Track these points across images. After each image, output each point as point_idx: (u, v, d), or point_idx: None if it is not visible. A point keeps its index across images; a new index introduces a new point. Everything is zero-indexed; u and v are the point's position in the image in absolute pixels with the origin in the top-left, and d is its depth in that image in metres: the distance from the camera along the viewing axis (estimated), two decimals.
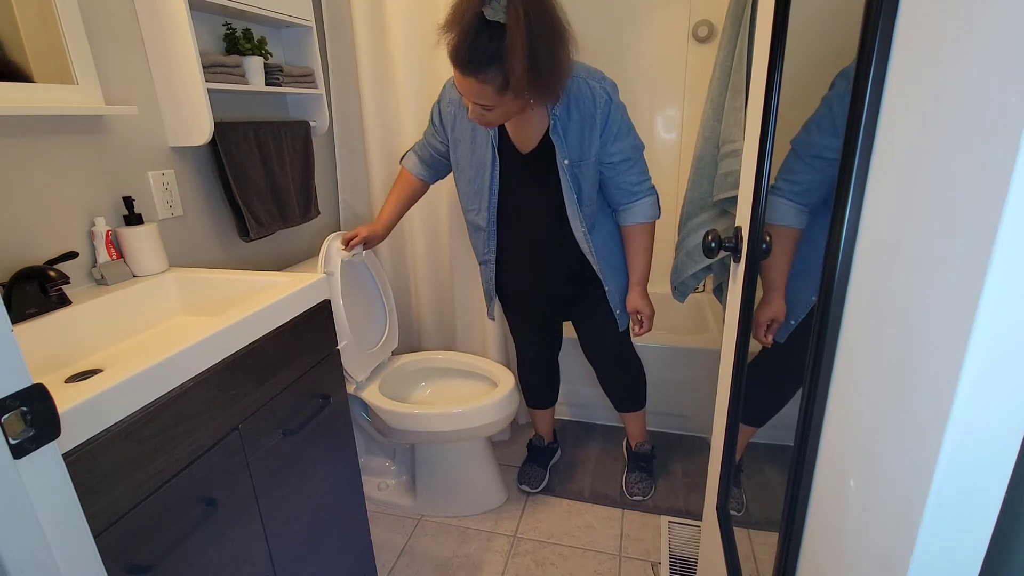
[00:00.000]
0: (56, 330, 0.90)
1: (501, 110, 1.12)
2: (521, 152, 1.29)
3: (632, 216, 1.34)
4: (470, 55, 1.02)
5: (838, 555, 0.53)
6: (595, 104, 1.21)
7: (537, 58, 0.99)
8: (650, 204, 1.34)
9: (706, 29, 1.99)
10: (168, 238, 1.23)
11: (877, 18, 0.45)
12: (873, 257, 0.48)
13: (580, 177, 1.27)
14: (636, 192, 1.31)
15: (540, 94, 1.09)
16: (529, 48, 0.97)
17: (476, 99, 1.10)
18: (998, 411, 0.34)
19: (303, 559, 1.03)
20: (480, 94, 1.07)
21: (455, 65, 1.06)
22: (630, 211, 1.34)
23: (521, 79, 1.00)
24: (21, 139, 0.95)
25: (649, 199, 1.33)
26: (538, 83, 1.04)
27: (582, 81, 1.20)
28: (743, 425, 0.97)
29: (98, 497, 0.63)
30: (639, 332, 1.46)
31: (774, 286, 0.95)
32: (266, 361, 0.91)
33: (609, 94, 1.21)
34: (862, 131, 0.47)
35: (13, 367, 0.43)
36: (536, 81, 1.03)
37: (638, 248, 1.38)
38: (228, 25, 1.35)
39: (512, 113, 1.15)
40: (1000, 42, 0.32)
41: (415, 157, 1.45)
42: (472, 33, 1.00)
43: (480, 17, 0.98)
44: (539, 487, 1.72)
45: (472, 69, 1.04)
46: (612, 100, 1.22)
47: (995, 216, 0.31)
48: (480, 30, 0.99)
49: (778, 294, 0.95)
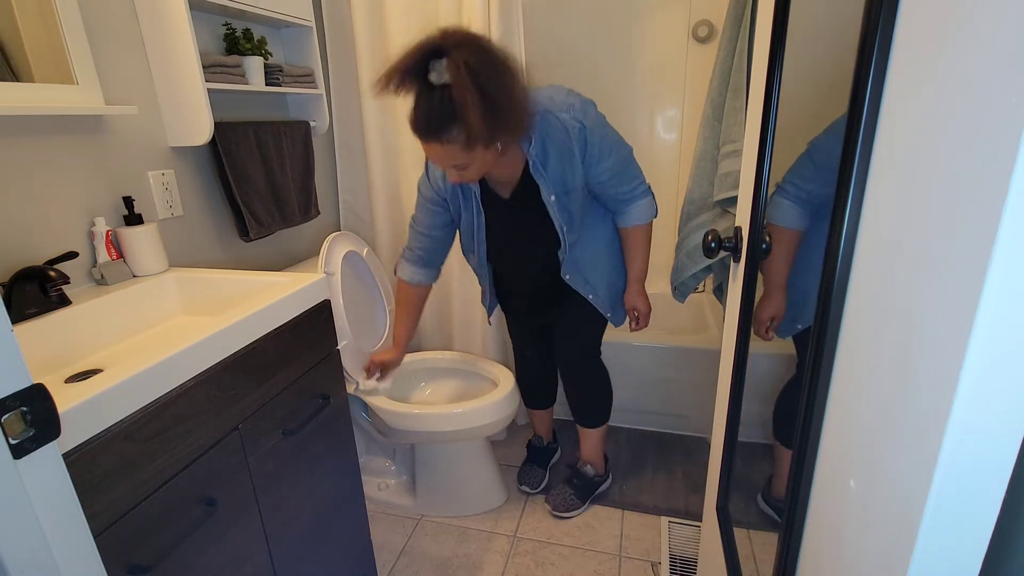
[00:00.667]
0: (56, 330, 0.90)
1: (476, 164, 1.10)
2: (503, 197, 1.29)
3: (627, 219, 1.34)
4: (428, 123, 1.02)
5: (838, 555, 0.53)
6: (569, 135, 1.18)
7: (492, 102, 0.97)
8: (645, 206, 1.33)
9: (706, 29, 1.99)
10: (168, 238, 1.23)
11: (877, 18, 0.45)
12: (873, 257, 0.48)
13: (569, 207, 1.27)
14: (628, 198, 1.31)
15: (507, 134, 1.08)
16: (480, 96, 0.96)
17: (448, 161, 1.09)
18: (998, 411, 0.34)
19: (303, 559, 1.03)
20: (449, 156, 1.07)
21: (418, 136, 1.06)
22: (626, 215, 1.34)
23: (481, 129, 0.98)
24: (21, 139, 0.95)
25: (643, 201, 1.32)
26: (500, 126, 1.02)
27: (551, 116, 1.17)
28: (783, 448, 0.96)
29: (98, 497, 0.63)
30: (635, 328, 1.45)
31: (775, 284, 0.95)
32: (266, 361, 0.91)
33: (581, 121, 1.18)
34: (862, 131, 0.48)
35: (13, 367, 0.43)
36: (497, 125, 1.01)
37: (635, 248, 1.37)
38: (228, 25, 1.35)
39: (489, 163, 1.14)
40: (1000, 42, 0.32)
41: (408, 266, 1.43)
42: (424, 101, 1.00)
43: (425, 83, 0.98)
44: (539, 487, 1.72)
45: (434, 134, 1.03)
46: (585, 126, 1.18)
47: (995, 216, 0.31)
48: (430, 96, 0.99)
49: (779, 291, 0.95)
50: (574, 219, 1.29)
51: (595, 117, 1.21)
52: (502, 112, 1.00)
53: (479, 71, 0.95)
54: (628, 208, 1.32)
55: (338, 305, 1.42)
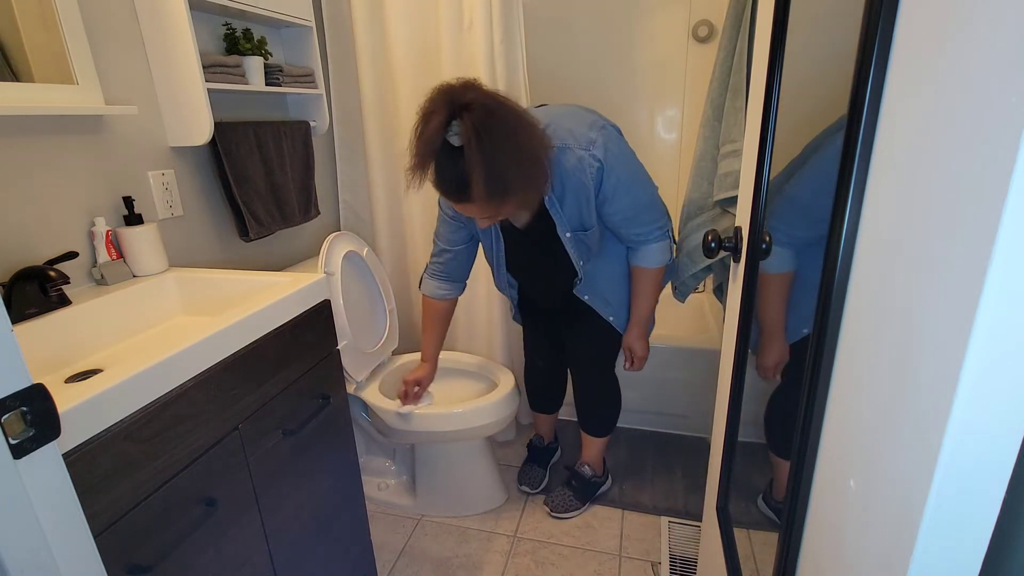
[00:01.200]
0: (56, 330, 0.90)
1: (505, 210, 1.09)
2: (519, 227, 1.29)
3: (637, 258, 1.31)
4: (448, 186, 1.02)
5: (838, 555, 0.53)
6: (585, 174, 1.14)
7: (500, 170, 0.96)
8: (657, 250, 1.28)
9: (706, 29, 1.99)
10: (168, 238, 1.23)
11: (877, 18, 0.45)
12: (873, 257, 0.48)
13: (586, 241, 1.25)
14: (640, 241, 1.28)
15: (521, 193, 1.05)
16: (487, 163, 0.94)
17: (475, 215, 1.10)
18: (998, 411, 0.34)
19: (303, 559, 1.03)
20: (475, 211, 1.07)
21: (445, 197, 1.07)
22: (636, 253, 1.31)
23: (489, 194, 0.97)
24: (21, 139, 0.95)
25: (655, 245, 1.27)
26: (509, 191, 1.00)
27: (570, 152, 1.13)
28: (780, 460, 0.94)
29: (98, 497, 0.63)
30: (628, 368, 1.45)
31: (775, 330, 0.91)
32: (266, 361, 0.91)
33: (600, 159, 1.13)
34: (862, 131, 0.47)
35: (13, 367, 0.43)
36: (507, 189, 0.99)
37: (640, 290, 1.35)
38: (228, 25, 1.35)
39: (520, 206, 1.14)
40: (1000, 42, 0.32)
41: (432, 281, 1.42)
42: (442, 163, 0.99)
43: (446, 145, 0.97)
44: (539, 487, 1.72)
45: (456, 196, 1.03)
46: (604, 165, 1.14)
47: (995, 216, 0.31)
48: (447, 158, 0.98)
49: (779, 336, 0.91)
50: (591, 252, 1.28)
51: (616, 154, 1.16)
52: (510, 176, 0.98)
53: (486, 134, 0.94)
54: (639, 249, 1.30)
55: (338, 305, 1.42)
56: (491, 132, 0.94)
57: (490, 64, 1.57)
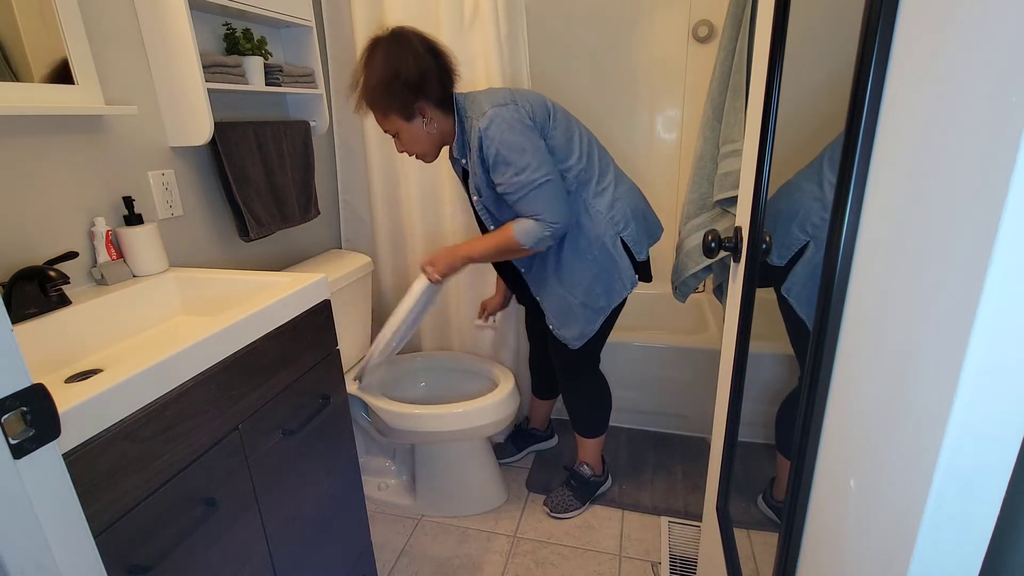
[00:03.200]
0: (56, 330, 0.90)
1: (404, 136, 1.26)
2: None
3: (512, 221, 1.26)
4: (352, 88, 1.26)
5: (838, 555, 0.53)
6: (474, 140, 1.24)
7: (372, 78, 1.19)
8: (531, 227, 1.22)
9: (706, 29, 1.99)
10: (168, 238, 1.23)
11: (877, 18, 0.45)
12: (873, 257, 0.48)
13: (487, 206, 1.32)
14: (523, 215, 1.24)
15: (383, 105, 1.22)
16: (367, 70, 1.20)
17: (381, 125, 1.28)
18: (998, 411, 0.34)
19: (303, 559, 1.03)
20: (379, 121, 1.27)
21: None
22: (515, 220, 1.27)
23: (363, 94, 1.22)
24: (21, 139, 0.95)
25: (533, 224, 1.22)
26: (373, 99, 1.21)
27: (469, 121, 1.25)
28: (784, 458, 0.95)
29: (98, 497, 0.63)
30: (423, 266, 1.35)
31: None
32: (266, 361, 0.91)
33: (483, 129, 1.19)
34: (862, 131, 0.48)
35: (13, 367, 0.43)
36: (373, 100, 1.22)
37: (488, 236, 1.31)
38: (228, 25, 1.35)
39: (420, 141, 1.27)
40: (1000, 42, 0.32)
41: None
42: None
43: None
44: (504, 459, 1.80)
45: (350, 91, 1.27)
46: (485, 135, 1.19)
47: (995, 216, 0.31)
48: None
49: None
50: (493, 218, 1.33)
51: (502, 129, 1.18)
52: (374, 87, 1.19)
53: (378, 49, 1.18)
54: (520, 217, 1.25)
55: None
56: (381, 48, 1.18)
57: (490, 64, 1.57)
